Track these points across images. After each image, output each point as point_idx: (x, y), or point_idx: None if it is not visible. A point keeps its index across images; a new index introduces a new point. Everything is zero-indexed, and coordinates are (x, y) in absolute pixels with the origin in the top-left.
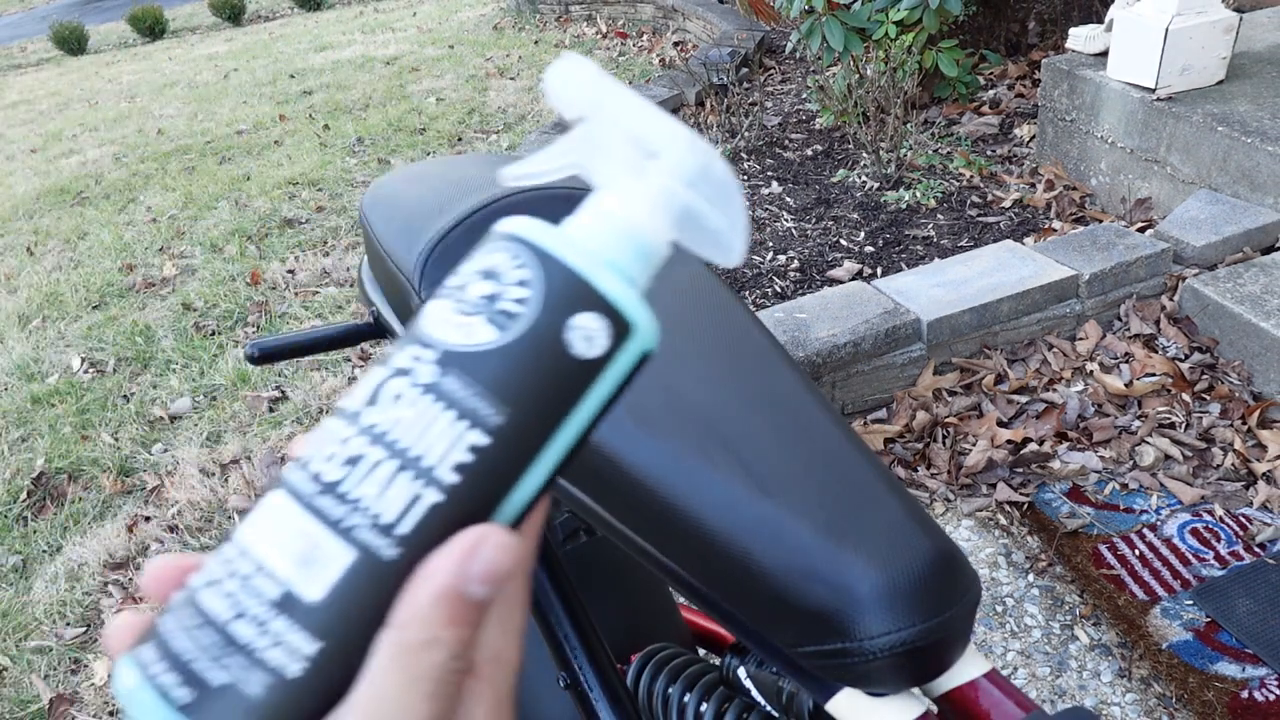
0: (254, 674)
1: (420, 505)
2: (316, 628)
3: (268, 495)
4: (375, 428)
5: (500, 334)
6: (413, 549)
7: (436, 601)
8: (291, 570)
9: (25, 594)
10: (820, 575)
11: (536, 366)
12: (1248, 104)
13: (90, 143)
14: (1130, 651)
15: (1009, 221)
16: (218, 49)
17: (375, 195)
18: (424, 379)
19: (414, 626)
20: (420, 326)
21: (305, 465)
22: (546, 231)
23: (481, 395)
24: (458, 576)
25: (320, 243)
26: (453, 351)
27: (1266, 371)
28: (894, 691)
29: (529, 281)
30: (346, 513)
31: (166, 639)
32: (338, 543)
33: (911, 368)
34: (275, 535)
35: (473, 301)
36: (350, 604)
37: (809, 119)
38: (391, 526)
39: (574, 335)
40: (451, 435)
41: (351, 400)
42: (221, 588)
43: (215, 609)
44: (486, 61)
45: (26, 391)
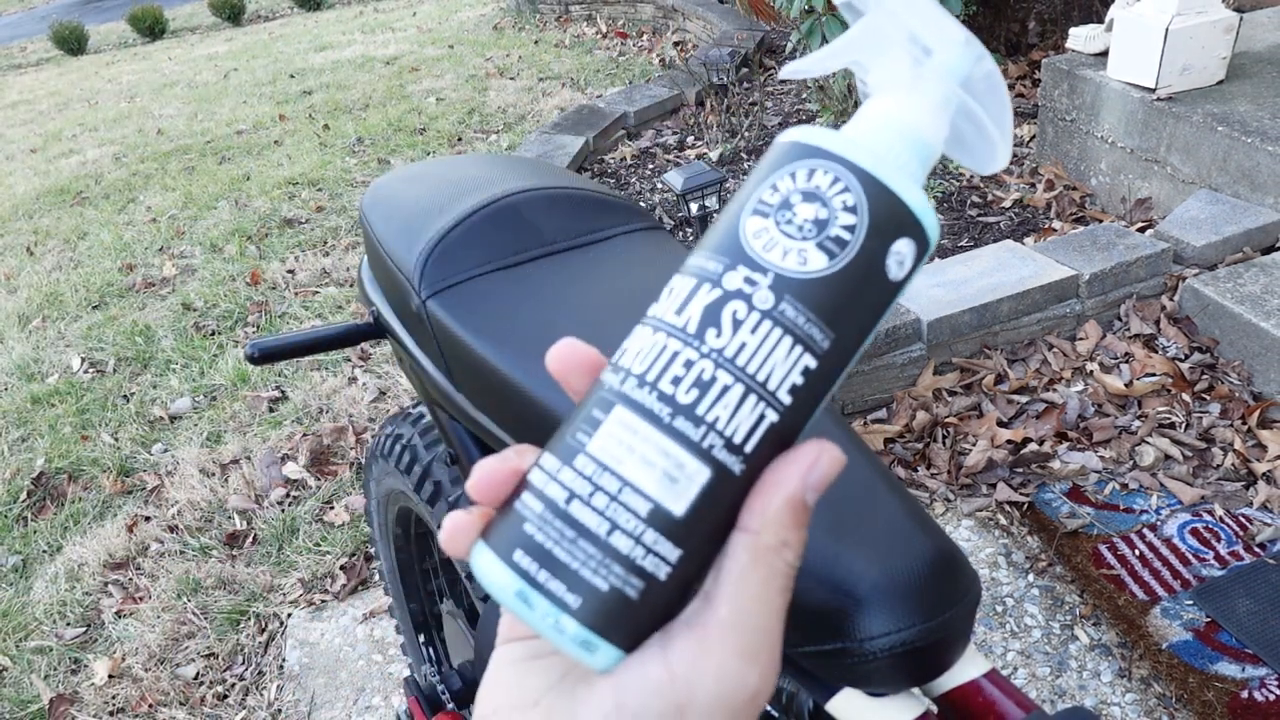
0: (632, 579)
1: (763, 425)
2: (679, 537)
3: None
4: (723, 352)
5: (831, 261)
6: (752, 465)
7: (786, 507)
8: (657, 487)
9: (25, 594)
10: (820, 575)
11: (861, 292)
12: (1248, 104)
13: (90, 143)
14: (1130, 651)
15: (1009, 221)
16: (218, 49)
17: (375, 195)
18: (762, 304)
19: (770, 530)
20: (745, 245)
21: (652, 385)
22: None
23: (814, 321)
24: (802, 485)
25: (320, 243)
26: (788, 277)
27: (1266, 371)
28: (894, 691)
29: (856, 208)
30: (704, 434)
31: (546, 549)
32: (698, 462)
33: (911, 368)
34: (638, 454)
35: (801, 225)
36: (705, 516)
37: (809, 119)
38: (741, 446)
39: (892, 260)
40: (790, 360)
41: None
42: (591, 503)
43: (591, 522)
44: (486, 61)
45: (26, 391)
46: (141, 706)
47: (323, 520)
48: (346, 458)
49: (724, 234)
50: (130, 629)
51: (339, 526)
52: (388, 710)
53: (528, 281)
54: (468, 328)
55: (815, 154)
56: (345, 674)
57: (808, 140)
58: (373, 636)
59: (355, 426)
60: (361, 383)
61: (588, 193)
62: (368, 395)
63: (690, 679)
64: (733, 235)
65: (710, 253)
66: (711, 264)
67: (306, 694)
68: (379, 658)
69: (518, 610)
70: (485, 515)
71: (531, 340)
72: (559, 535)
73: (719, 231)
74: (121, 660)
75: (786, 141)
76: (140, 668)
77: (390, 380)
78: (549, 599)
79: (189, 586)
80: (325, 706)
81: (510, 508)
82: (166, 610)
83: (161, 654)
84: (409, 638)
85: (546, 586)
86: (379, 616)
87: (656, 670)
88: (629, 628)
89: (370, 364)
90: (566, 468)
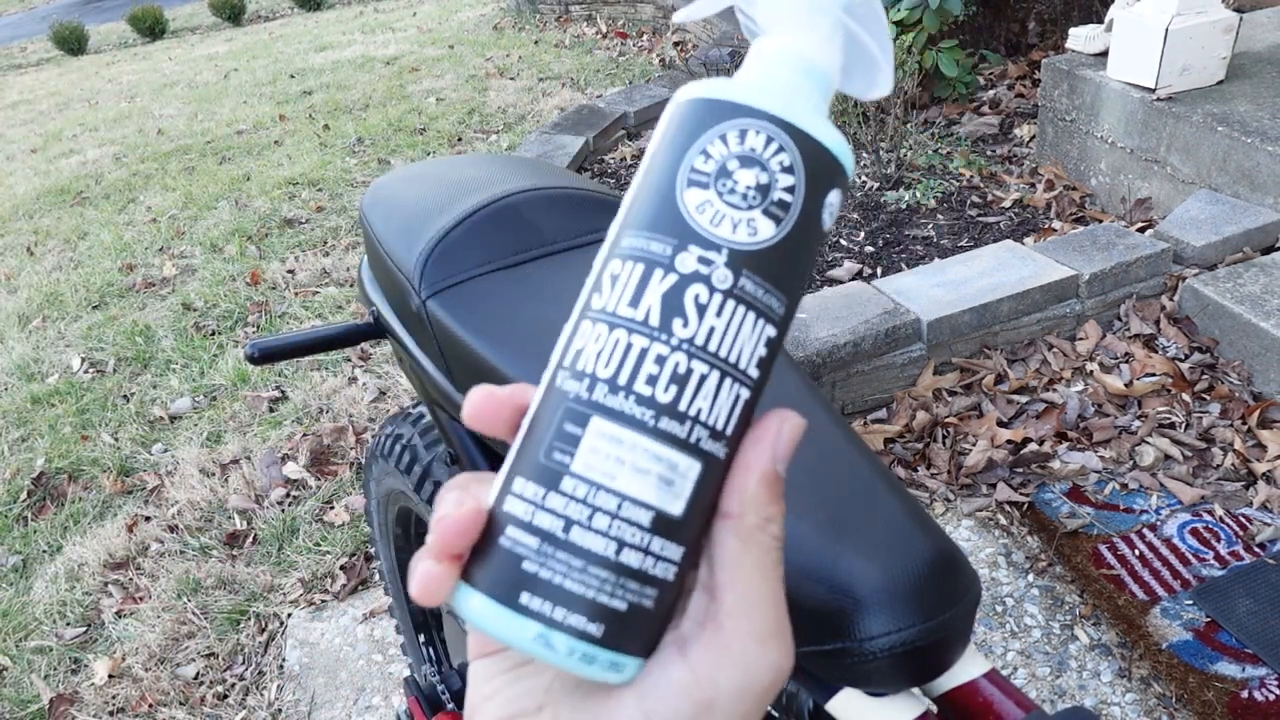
0: (647, 590)
1: (739, 405)
2: (681, 536)
3: (591, 423)
4: (693, 341)
5: (778, 227)
6: (732, 444)
7: (762, 485)
8: (656, 494)
9: (25, 594)
10: (820, 575)
11: (805, 251)
12: (1248, 104)
13: (90, 143)
14: (1130, 651)
15: (1009, 221)
16: (218, 49)
17: (375, 195)
18: (722, 284)
19: (751, 510)
20: (690, 220)
21: (627, 389)
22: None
23: (771, 291)
24: (773, 459)
25: (320, 243)
26: (742, 251)
27: (1266, 371)
28: (894, 691)
29: (793, 167)
30: (690, 429)
31: (555, 584)
32: (689, 459)
33: (911, 368)
34: (629, 464)
35: (744, 193)
36: (700, 508)
37: None
38: (723, 431)
39: (826, 214)
40: (755, 334)
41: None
42: (593, 526)
43: (598, 546)
44: (486, 61)
45: (26, 391)
46: (141, 706)
47: (323, 520)
48: (346, 458)
49: (659, 209)
50: (130, 629)
51: (339, 526)
52: (388, 710)
53: (528, 281)
54: (468, 328)
55: (737, 112)
56: (345, 674)
57: (721, 96)
58: (373, 636)
59: (355, 426)
60: (361, 383)
61: (588, 193)
62: (368, 395)
63: (713, 674)
64: (672, 210)
65: (649, 231)
66: (656, 245)
67: (306, 694)
68: (379, 658)
69: (539, 654)
70: (456, 559)
71: (531, 340)
72: (567, 567)
73: (650, 206)
74: (121, 660)
75: (695, 99)
76: (140, 668)
77: (390, 380)
78: (571, 635)
79: (189, 586)
80: (325, 706)
81: (495, 546)
82: (166, 610)
83: (161, 654)
84: (409, 638)
85: (566, 623)
86: (379, 616)
87: (679, 673)
88: (648, 636)
89: (370, 364)
90: (553, 493)
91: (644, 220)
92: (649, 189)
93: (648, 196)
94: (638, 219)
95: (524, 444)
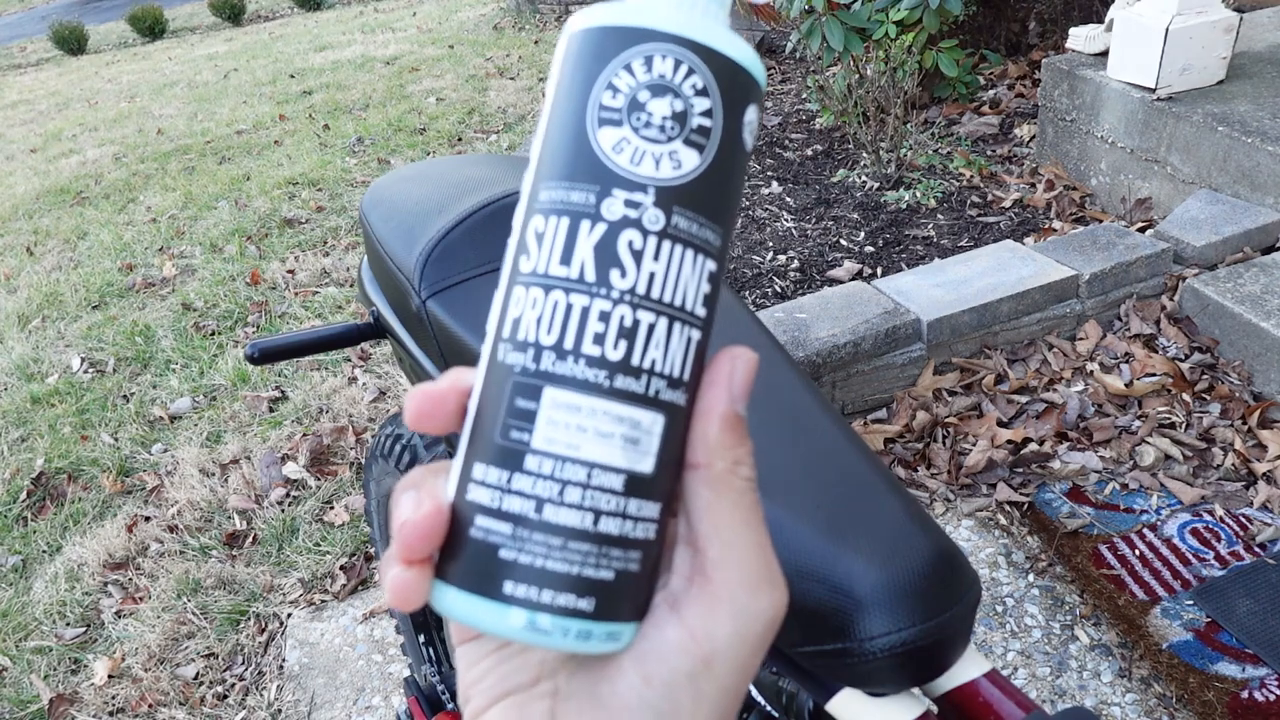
0: (631, 553)
1: (691, 348)
2: (656, 492)
3: (544, 394)
4: (635, 290)
5: (702, 155)
6: (691, 389)
7: (725, 428)
8: (624, 456)
9: (25, 594)
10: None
11: (733, 176)
12: (1248, 104)
13: (90, 143)
14: (1130, 651)
15: (1009, 221)
16: (218, 49)
17: (375, 195)
18: (654, 225)
19: (718, 456)
20: (608, 162)
21: (574, 353)
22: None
23: (705, 224)
24: (730, 399)
25: (320, 243)
26: (669, 187)
27: (1267, 371)
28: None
29: (707, 89)
30: (647, 382)
31: (540, 566)
32: (650, 413)
33: (911, 368)
34: (591, 430)
35: (661, 125)
36: (669, 458)
37: (809, 119)
38: (680, 377)
39: (747, 132)
40: (696, 272)
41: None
42: (566, 500)
43: (574, 521)
44: (486, 61)
45: (26, 391)
46: (141, 706)
47: (323, 520)
48: (346, 458)
49: (574, 154)
50: (130, 629)
51: (339, 526)
52: (388, 710)
53: None
54: (468, 328)
55: (638, 36)
56: (345, 674)
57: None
58: (373, 636)
59: (355, 426)
60: (361, 383)
61: None
62: (368, 395)
63: (708, 629)
64: (587, 154)
65: (567, 181)
66: (578, 194)
67: (306, 694)
68: (379, 658)
69: (533, 640)
70: (424, 561)
71: None
72: (546, 547)
73: (563, 152)
74: (121, 660)
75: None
76: (140, 668)
77: (390, 380)
78: (563, 615)
79: (189, 586)
80: (325, 706)
81: (467, 538)
82: (166, 610)
83: (161, 654)
84: (409, 638)
85: (556, 604)
86: (379, 616)
87: (674, 632)
88: (639, 598)
89: (370, 364)
90: (519, 474)
91: (559, 169)
92: (558, 134)
93: (558, 142)
94: (552, 168)
95: (476, 427)
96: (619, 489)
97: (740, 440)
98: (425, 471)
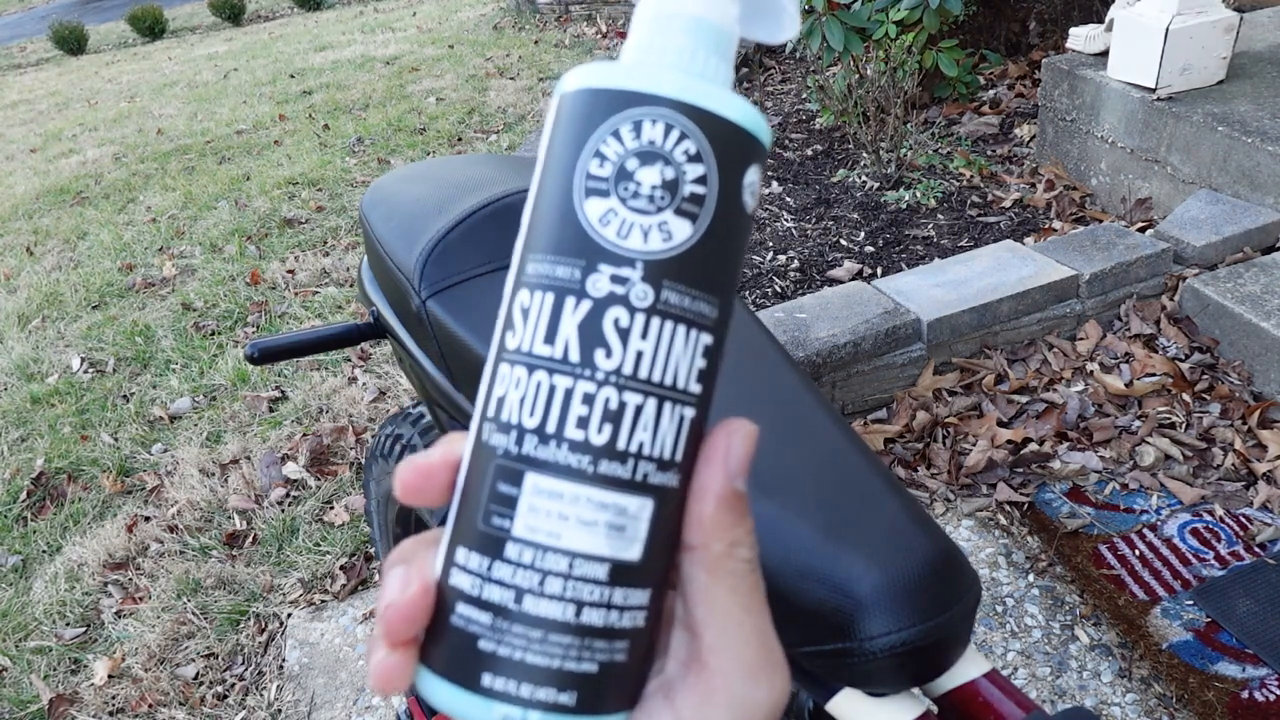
0: (617, 644)
1: (684, 427)
2: (645, 579)
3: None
4: (620, 371)
5: (695, 225)
6: (685, 469)
7: (721, 509)
8: (608, 544)
9: (25, 594)
10: (820, 575)
11: (731, 242)
12: (1248, 104)
13: (90, 143)
14: (1130, 651)
15: (1009, 221)
16: (218, 49)
17: (375, 195)
18: (642, 302)
19: (714, 538)
20: (594, 235)
21: (557, 437)
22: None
23: (700, 296)
24: (727, 477)
25: (320, 243)
26: (658, 261)
27: (1266, 371)
28: (894, 691)
29: (700, 154)
30: (634, 467)
31: (517, 660)
32: (638, 499)
33: (911, 368)
34: (573, 519)
35: (650, 195)
36: (660, 543)
37: (809, 119)
38: (671, 459)
39: (747, 195)
40: (690, 348)
41: (555, 346)
42: (546, 592)
43: (554, 613)
44: (486, 61)
45: (26, 391)
46: (141, 706)
47: (323, 520)
48: (346, 458)
49: (560, 225)
50: (130, 629)
51: (339, 526)
52: (388, 710)
53: None
54: (468, 328)
55: (628, 100)
56: (345, 674)
57: (606, 83)
58: (373, 637)
59: (355, 426)
60: (361, 383)
61: None
62: (368, 395)
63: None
64: (573, 226)
65: (553, 254)
66: (563, 269)
67: (306, 694)
68: None
69: None
70: (410, 643)
71: None
72: (525, 640)
73: (550, 223)
74: (121, 660)
75: (580, 90)
76: (140, 668)
77: (390, 380)
78: (543, 710)
79: (189, 586)
80: (325, 706)
81: (448, 625)
82: (166, 610)
83: (161, 654)
84: None
85: (535, 699)
86: None
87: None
88: (628, 688)
89: (370, 364)
90: (498, 562)
91: (546, 241)
92: (546, 203)
93: (546, 212)
94: (539, 240)
95: (461, 508)
96: (603, 579)
97: (739, 520)
98: (417, 544)
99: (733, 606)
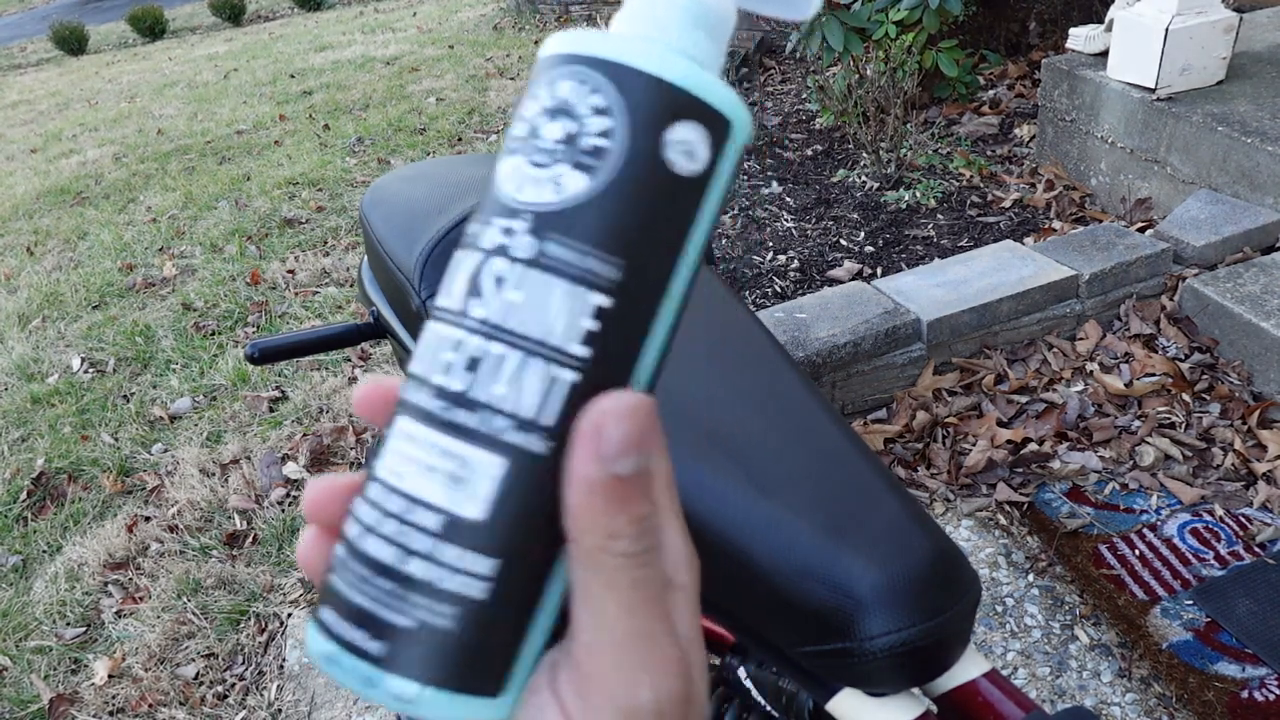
0: (440, 607)
1: (558, 389)
2: (488, 546)
3: (396, 424)
4: (487, 321)
5: (591, 178)
6: (560, 438)
7: (590, 497)
8: (444, 494)
9: (25, 594)
10: (820, 575)
11: (642, 201)
12: (1248, 104)
13: (90, 143)
14: (1130, 651)
15: (1009, 221)
16: (218, 49)
17: (375, 195)
18: (523, 253)
19: (585, 529)
20: (498, 193)
21: (424, 382)
22: (603, 39)
23: (591, 253)
24: (598, 460)
25: (320, 243)
26: (545, 213)
27: (1266, 371)
28: (894, 691)
29: (607, 107)
30: (484, 419)
31: (345, 596)
32: (484, 453)
33: (911, 368)
34: (418, 463)
35: (549, 148)
36: (516, 511)
37: (809, 119)
38: (534, 420)
39: (673, 152)
40: (571, 306)
41: (451, 298)
42: (381, 531)
43: (383, 555)
44: (486, 61)
45: (26, 391)
46: (141, 706)
47: None
48: (346, 458)
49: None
50: (130, 629)
51: None
52: (388, 710)
53: None
54: None
55: (564, 61)
56: None
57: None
58: None
59: (355, 426)
60: (362, 383)
61: None
62: None
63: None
64: (491, 187)
65: (476, 217)
66: (473, 227)
67: (306, 694)
68: None
69: (331, 674)
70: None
71: None
72: (354, 576)
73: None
74: (121, 660)
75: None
76: (140, 668)
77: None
78: (354, 654)
79: (189, 586)
80: (325, 706)
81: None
82: (166, 610)
83: (161, 654)
84: None
85: (346, 638)
86: None
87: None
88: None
89: (370, 364)
90: (361, 500)
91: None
92: None
93: None
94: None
95: None
96: (432, 529)
97: (618, 509)
98: None
99: (608, 604)
